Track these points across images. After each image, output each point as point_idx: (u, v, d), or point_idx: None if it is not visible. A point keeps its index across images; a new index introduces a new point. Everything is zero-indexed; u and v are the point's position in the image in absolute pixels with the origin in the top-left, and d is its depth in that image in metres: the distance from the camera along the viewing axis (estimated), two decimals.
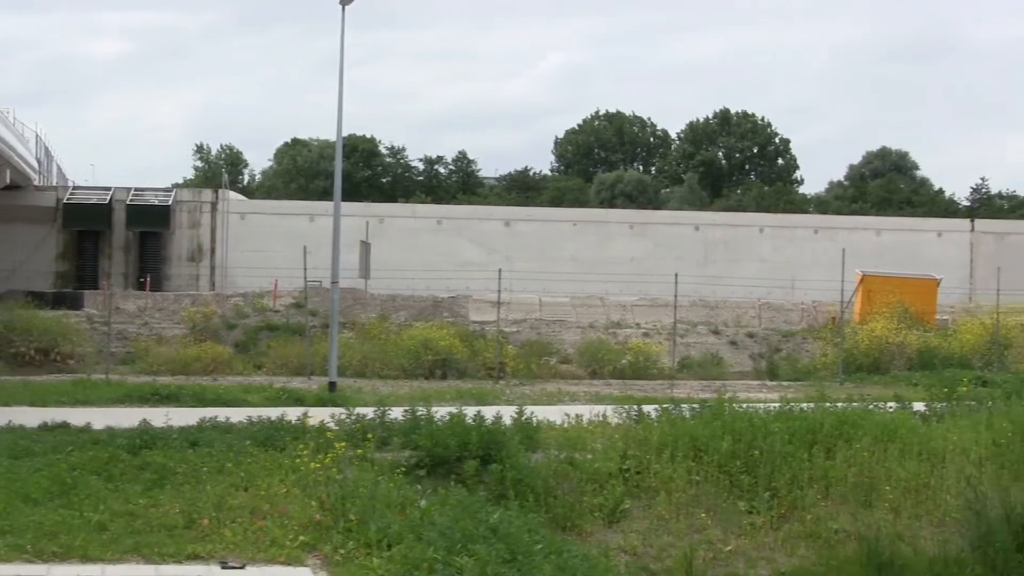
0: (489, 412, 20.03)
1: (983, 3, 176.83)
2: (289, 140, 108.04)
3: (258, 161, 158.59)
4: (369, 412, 20.62)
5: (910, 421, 22.10)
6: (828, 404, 22.24)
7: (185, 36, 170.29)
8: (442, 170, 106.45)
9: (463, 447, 18.14)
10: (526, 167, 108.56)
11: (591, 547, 16.12)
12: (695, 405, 21.79)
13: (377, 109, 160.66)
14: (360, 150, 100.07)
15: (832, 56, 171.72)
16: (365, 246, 42.54)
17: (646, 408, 22.05)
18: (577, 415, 22.14)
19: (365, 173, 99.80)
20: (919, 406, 24.57)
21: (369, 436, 18.52)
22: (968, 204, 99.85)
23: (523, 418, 20.26)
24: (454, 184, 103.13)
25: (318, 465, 16.50)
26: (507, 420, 19.74)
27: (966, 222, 69.08)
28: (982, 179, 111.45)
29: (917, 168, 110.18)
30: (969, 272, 63.37)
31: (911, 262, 55.48)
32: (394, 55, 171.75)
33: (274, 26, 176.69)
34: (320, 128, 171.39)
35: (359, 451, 17.64)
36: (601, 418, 21.82)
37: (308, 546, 13.98)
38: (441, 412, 19.85)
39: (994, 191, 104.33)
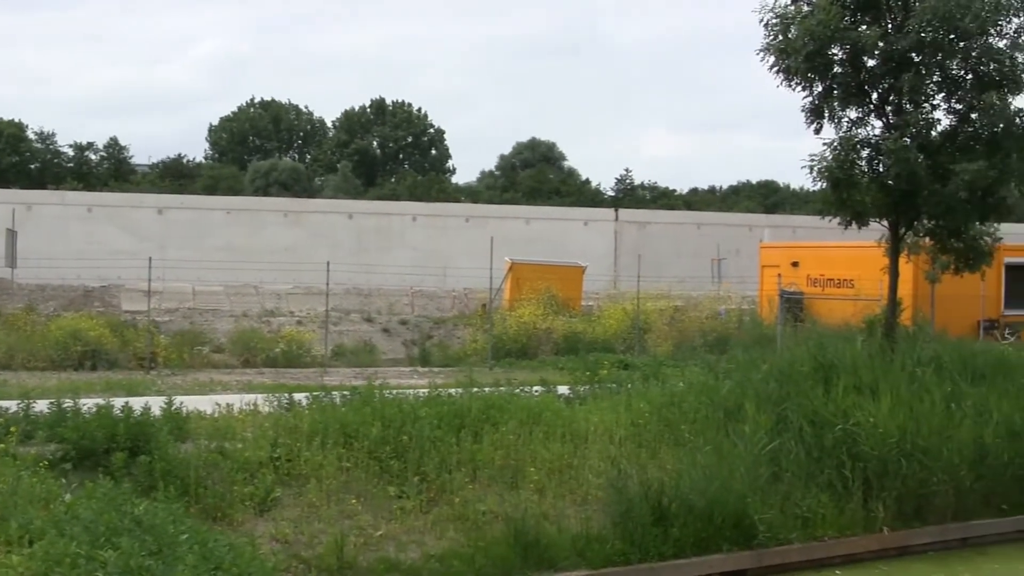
0: (139, 403, 19.66)
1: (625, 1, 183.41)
2: None
3: None
4: (13, 405, 19.99)
5: (555, 404, 22.62)
6: (476, 389, 22.65)
7: None
8: (93, 156, 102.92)
9: (111, 439, 17.81)
10: (179, 154, 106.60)
11: (241, 536, 16.15)
12: (346, 392, 21.82)
13: (24, 92, 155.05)
14: (6, 135, 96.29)
15: (484, 48, 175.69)
16: (11, 234, 41.26)
17: (298, 396, 21.94)
18: (228, 404, 21.81)
19: (12, 159, 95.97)
20: (564, 389, 25.20)
21: (12, 430, 17.88)
22: (613, 194, 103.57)
23: (173, 408, 19.97)
24: (106, 171, 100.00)
25: None
26: (157, 411, 19.42)
27: (611, 212, 71.70)
28: (626, 170, 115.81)
29: (565, 159, 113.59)
30: (613, 260, 65.71)
31: (559, 250, 57.24)
32: (41, 36, 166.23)
33: None
34: None
35: (1, 446, 17.10)
36: (252, 407, 21.66)
37: None
38: (89, 404, 19.31)
39: (637, 182, 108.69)
